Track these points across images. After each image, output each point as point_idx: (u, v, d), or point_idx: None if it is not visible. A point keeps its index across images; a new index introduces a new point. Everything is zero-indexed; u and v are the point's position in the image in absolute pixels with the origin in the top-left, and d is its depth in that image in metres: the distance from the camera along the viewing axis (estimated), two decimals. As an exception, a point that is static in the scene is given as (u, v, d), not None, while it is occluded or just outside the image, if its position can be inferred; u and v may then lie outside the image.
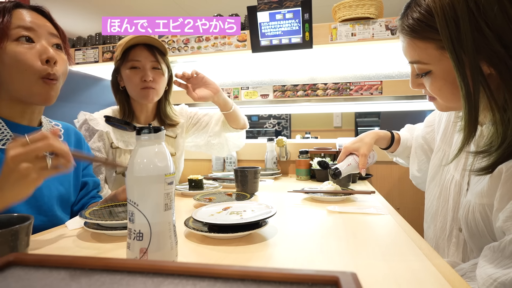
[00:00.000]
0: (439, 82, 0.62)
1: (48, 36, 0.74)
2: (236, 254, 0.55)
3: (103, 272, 0.26)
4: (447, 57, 0.56)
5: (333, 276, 0.24)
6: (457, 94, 0.57)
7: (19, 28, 0.70)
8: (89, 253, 0.56)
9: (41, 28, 0.73)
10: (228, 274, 0.25)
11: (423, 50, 0.60)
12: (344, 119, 4.43)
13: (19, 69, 0.69)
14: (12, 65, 0.69)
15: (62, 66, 0.76)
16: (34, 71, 0.70)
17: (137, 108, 1.20)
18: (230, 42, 1.80)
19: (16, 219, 0.44)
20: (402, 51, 0.68)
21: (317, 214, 0.81)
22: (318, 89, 1.71)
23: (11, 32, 0.69)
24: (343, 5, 1.62)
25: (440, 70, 0.60)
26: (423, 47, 0.60)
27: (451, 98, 0.63)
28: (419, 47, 0.60)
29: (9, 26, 0.69)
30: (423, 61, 0.61)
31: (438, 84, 0.62)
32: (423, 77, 0.65)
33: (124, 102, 1.18)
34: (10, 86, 0.71)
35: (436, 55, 0.59)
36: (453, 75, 0.56)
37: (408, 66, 0.70)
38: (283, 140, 1.57)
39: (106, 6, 3.64)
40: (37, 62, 0.71)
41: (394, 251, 0.55)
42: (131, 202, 0.43)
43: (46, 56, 0.71)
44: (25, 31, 0.71)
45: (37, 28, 0.73)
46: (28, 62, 0.69)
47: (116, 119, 0.48)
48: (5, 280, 0.25)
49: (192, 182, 1.09)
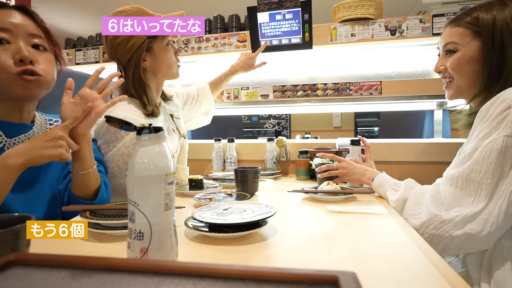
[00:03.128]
0: (461, 57, 0.83)
1: (26, 37, 0.74)
2: (236, 253, 0.55)
3: (104, 272, 0.27)
4: (475, 43, 0.81)
5: (332, 275, 0.24)
6: (468, 72, 0.82)
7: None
8: (90, 253, 0.56)
9: (18, 29, 0.73)
10: (228, 273, 0.25)
11: (459, 33, 0.83)
12: (343, 119, 4.44)
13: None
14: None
15: (44, 65, 0.76)
16: (7, 71, 0.70)
17: (154, 95, 1.16)
18: (230, 43, 1.81)
19: (17, 218, 0.44)
20: (440, 39, 0.91)
21: (317, 214, 0.81)
22: (318, 89, 1.71)
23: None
24: (343, 5, 1.62)
25: (465, 49, 0.82)
26: (462, 32, 0.83)
27: (465, 75, 0.83)
28: (459, 32, 0.84)
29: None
30: (457, 42, 0.84)
31: (458, 59, 0.83)
32: (449, 55, 0.86)
33: (145, 89, 1.10)
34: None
35: (468, 39, 0.82)
36: (473, 56, 0.81)
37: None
38: (283, 140, 1.57)
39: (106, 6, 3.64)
40: (10, 61, 0.70)
41: (393, 251, 0.55)
42: (132, 202, 0.43)
43: (19, 56, 0.71)
44: (0, 32, 0.70)
45: (14, 29, 0.72)
46: (0, 62, 0.69)
47: (117, 119, 0.49)
48: (6, 280, 0.26)
49: (192, 182, 1.09)
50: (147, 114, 1.08)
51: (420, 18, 1.54)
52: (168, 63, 1.14)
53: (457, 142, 1.42)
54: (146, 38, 1.07)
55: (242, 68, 1.51)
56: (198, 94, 1.49)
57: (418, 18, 1.54)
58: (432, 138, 1.95)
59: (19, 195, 0.74)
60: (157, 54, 1.11)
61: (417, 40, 1.56)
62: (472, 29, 0.82)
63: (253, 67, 1.52)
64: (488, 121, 0.69)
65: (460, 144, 0.94)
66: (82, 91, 0.80)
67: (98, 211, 0.72)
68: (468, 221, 0.66)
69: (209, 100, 1.52)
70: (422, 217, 0.73)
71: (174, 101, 1.36)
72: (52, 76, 0.78)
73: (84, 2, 3.55)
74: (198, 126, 1.59)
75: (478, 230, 0.65)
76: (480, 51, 0.80)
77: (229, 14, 1.96)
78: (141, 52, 1.07)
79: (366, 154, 1.24)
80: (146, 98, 1.10)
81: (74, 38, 2.47)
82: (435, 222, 0.70)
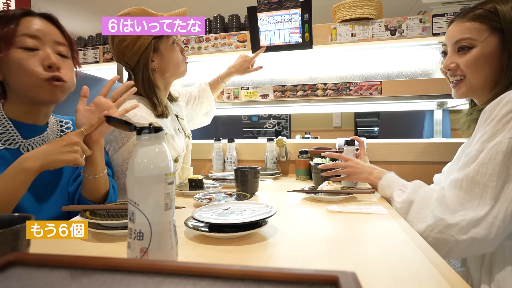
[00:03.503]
0: (478, 55, 0.78)
1: (53, 44, 0.77)
2: (236, 253, 0.55)
3: (104, 272, 0.27)
4: (493, 39, 0.76)
5: (332, 275, 0.24)
6: (485, 70, 0.78)
7: (24, 36, 0.74)
8: (90, 253, 0.56)
9: (46, 36, 0.76)
10: (228, 273, 0.25)
11: (476, 29, 0.78)
12: (343, 119, 4.44)
13: (23, 74, 0.73)
14: (17, 70, 0.73)
15: (68, 71, 0.80)
16: (37, 76, 0.74)
17: (163, 95, 1.17)
18: (230, 43, 1.81)
19: (17, 218, 0.44)
20: (447, 35, 0.86)
21: (317, 214, 0.81)
22: (318, 89, 1.71)
23: (16, 40, 0.73)
24: (343, 5, 1.62)
25: (483, 46, 0.77)
26: (478, 27, 0.78)
27: (481, 73, 0.79)
28: (474, 27, 0.78)
29: (14, 33, 0.73)
30: (473, 38, 0.78)
31: (476, 57, 0.78)
32: (463, 52, 0.81)
33: (155, 90, 1.11)
34: (18, 89, 0.76)
35: (486, 35, 0.77)
36: (491, 53, 0.76)
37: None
38: (283, 140, 1.57)
39: (106, 6, 3.64)
40: (39, 68, 0.74)
41: (393, 251, 0.55)
42: (132, 201, 0.43)
43: (48, 63, 0.75)
44: (30, 38, 0.74)
45: (42, 36, 0.76)
46: (30, 68, 0.73)
47: (117, 119, 0.49)
48: (6, 280, 0.26)
49: (192, 182, 1.09)
50: (157, 115, 1.09)
51: (420, 18, 1.54)
52: (175, 62, 1.15)
53: (457, 142, 1.41)
54: (152, 39, 1.07)
55: (238, 71, 1.51)
56: (199, 95, 1.50)
57: (418, 18, 1.54)
58: (432, 138, 1.95)
59: (31, 196, 0.76)
60: (164, 54, 1.12)
61: (417, 40, 1.56)
62: (489, 24, 0.76)
63: (249, 70, 1.50)
64: (493, 123, 0.68)
65: (460, 144, 0.94)
66: (97, 99, 0.83)
67: (98, 211, 0.73)
68: (473, 226, 0.65)
69: (209, 101, 1.52)
70: (427, 221, 0.71)
71: (179, 102, 1.36)
72: (73, 82, 0.83)
73: (84, 2, 3.55)
74: (198, 126, 1.59)
75: (484, 235, 0.64)
76: (498, 48, 0.76)
77: (229, 14, 1.96)
78: (149, 53, 1.08)
79: (360, 150, 1.24)
80: (156, 99, 1.11)
81: (74, 38, 2.47)
82: (440, 226, 0.68)
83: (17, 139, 0.77)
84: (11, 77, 0.74)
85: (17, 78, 0.74)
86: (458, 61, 0.82)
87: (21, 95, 0.76)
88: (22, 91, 0.76)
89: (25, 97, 0.77)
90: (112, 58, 2.12)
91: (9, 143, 0.76)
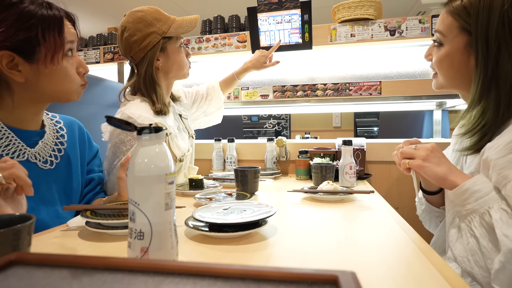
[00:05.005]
0: (443, 55, 0.73)
1: (76, 46, 0.78)
2: (236, 253, 0.55)
3: (105, 271, 0.27)
4: (459, 40, 0.69)
5: (332, 275, 0.24)
6: (451, 72, 0.73)
7: (68, 43, 0.73)
8: (91, 252, 0.56)
9: (75, 39, 0.76)
10: (228, 273, 0.25)
11: (448, 24, 0.72)
12: (343, 119, 4.44)
13: (65, 83, 0.74)
14: (59, 79, 0.73)
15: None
16: (77, 83, 0.76)
17: (164, 94, 1.18)
18: (230, 43, 1.81)
19: (18, 218, 0.44)
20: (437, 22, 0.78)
21: (317, 214, 0.81)
22: (318, 89, 1.71)
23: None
24: (343, 6, 1.62)
25: (450, 46, 0.72)
26: (450, 23, 0.71)
27: (446, 73, 0.75)
28: (448, 21, 0.72)
29: (65, 41, 0.72)
30: (443, 33, 0.73)
31: (442, 56, 0.74)
32: (436, 47, 0.76)
33: (155, 87, 1.13)
34: (46, 94, 0.74)
35: (454, 33, 0.70)
36: (455, 55, 0.71)
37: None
38: (283, 140, 1.57)
39: (106, 6, 3.64)
40: (77, 75, 0.77)
41: (393, 251, 0.55)
42: (132, 201, 0.43)
43: (84, 71, 0.78)
44: (70, 44, 0.74)
45: (75, 40, 0.76)
46: (72, 76, 0.75)
47: (117, 119, 0.49)
48: (7, 279, 0.26)
49: (192, 182, 1.09)
50: (155, 112, 1.10)
51: (419, 19, 1.54)
52: (179, 64, 1.17)
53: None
54: (161, 38, 1.09)
55: (254, 66, 1.48)
56: (208, 93, 1.49)
57: (417, 18, 1.54)
58: (431, 138, 1.95)
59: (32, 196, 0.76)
60: (170, 55, 1.14)
61: (416, 41, 1.56)
62: (460, 21, 0.68)
63: (266, 65, 1.49)
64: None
65: None
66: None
67: (99, 210, 0.73)
68: None
69: (218, 99, 1.50)
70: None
71: (183, 101, 1.37)
72: None
73: (84, 2, 3.55)
74: (206, 125, 1.58)
75: None
76: (464, 51, 0.68)
77: (229, 14, 1.96)
78: (155, 51, 1.10)
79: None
80: (155, 95, 1.12)
81: (74, 38, 2.47)
82: None
83: (23, 149, 0.74)
84: (45, 81, 0.71)
85: (56, 85, 0.73)
86: (433, 54, 0.79)
87: (48, 97, 0.75)
88: (53, 96, 0.75)
89: (52, 98, 0.76)
90: (112, 59, 2.12)
91: (17, 155, 0.73)
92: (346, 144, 1.19)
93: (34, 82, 0.71)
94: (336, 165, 1.27)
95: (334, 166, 1.19)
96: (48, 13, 0.69)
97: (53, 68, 0.70)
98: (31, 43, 0.67)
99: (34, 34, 0.66)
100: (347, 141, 1.19)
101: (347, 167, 1.16)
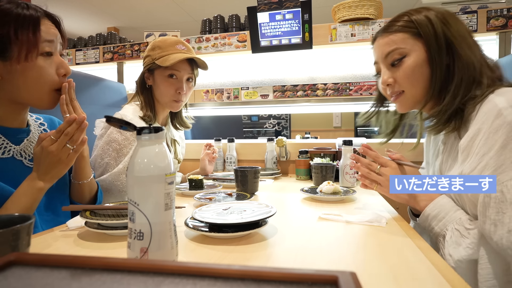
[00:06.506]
0: (412, 64, 0.75)
1: (58, 47, 0.75)
2: (236, 253, 0.55)
3: (104, 272, 0.27)
4: (418, 44, 0.75)
5: (332, 275, 0.24)
6: (423, 77, 0.75)
7: (45, 42, 0.71)
8: (90, 253, 0.56)
9: (56, 39, 0.74)
10: (228, 273, 0.25)
11: (400, 39, 0.77)
12: (343, 119, 4.44)
13: (39, 82, 0.72)
14: (34, 78, 0.71)
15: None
16: (51, 84, 0.74)
17: (159, 109, 1.23)
18: (230, 43, 1.81)
19: (17, 218, 0.44)
20: (375, 53, 0.84)
21: (317, 214, 0.81)
22: (318, 89, 1.71)
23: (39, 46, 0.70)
24: (343, 5, 1.62)
25: (414, 52, 0.75)
26: (401, 37, 0.76)
27: (418, 81, 0.76)
28: (398, 37, 0.77)
29: (39, 39, 0.70)
30: (401, 46, 0.76)
31: (411, 67, 0.75)
32: (397, 65, 0.77)
33: (150, 100, 1.20)
34: (21, 94, 0.72)
35: (411, 41, 0.75)
36: (422, 58, 0.74)
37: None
38: (283, 140, 1.57)
39: (106, 6, 3.64)
40: (55, 76, 0.74)
41: (393, 251, 0.55)
42: (132, 201, 0.43)
43: (65, 72, 0.75)
44: (48, 43, 0.72)
45: (55, 40, 0.73)
46: (49, 77, 0.72)
47: (116, 119, 0.48)
48: (6, 280, 0.26)
49: (192, 182, 1.09)
50: (141, 117, 1.15)
51: (420, 18, 1.54)
52: (161, 92, 1.18)
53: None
54: (152, 62, 1.14)
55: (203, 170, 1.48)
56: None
57: (418, 18, 1.54)
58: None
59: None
60: (156, 79, 1.18)
61: (417, 40, 1.56)
62: (410, 31, 0.75)
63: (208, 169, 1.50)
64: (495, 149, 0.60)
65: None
66: None
67: (98, 211, 0.72)
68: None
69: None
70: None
71: (180, 143, 1.38)
72: None
73: (84, 2, 3.55)
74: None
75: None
76: (425, 52, 0.74)
77: (229, 14, 1.96)
78: (146, 66, 1.17)
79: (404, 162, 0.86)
80: (143, 98, 1.19)
81: (74, 38, 2.47)
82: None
83: (8, 147, 0.74)
84: (20, 81, 0.70)
85: (31, 84, 0.71)
86: (394, 75, 0.78)
87: (19, 99, 0.73)
88: (25, 97, 0.72)
89: (24, 102, 0.74)
90: (112, 58, 2.12)
91: (1, 152, 0.73)
92: (346, 144, 1.19)
93: (10, 80, 0.70)
94: (337, 165, 1.27)
95: (335, 166, 1.19)
96: (23, 12, 0.69)
97: (26, 65, 0.69)
98: (3, 41, 0.67)
99: (5, 32, 0.66)
100: (348, 141, 1.19)
101: (348, 167, 1.16)
